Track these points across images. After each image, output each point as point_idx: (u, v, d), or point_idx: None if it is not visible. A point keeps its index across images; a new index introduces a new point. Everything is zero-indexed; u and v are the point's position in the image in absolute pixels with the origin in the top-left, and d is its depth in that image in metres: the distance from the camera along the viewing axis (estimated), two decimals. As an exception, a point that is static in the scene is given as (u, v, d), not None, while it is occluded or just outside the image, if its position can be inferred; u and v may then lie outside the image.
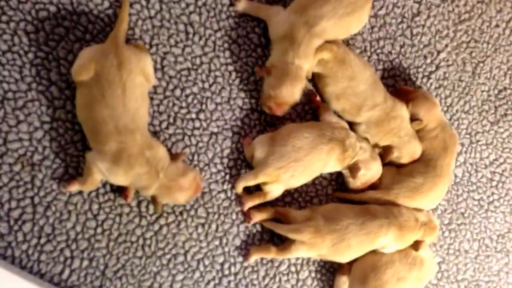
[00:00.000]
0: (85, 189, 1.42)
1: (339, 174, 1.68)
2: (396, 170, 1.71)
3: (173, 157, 1.43)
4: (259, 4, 1.59)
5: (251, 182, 1.52)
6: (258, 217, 1.57)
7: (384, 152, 1.66)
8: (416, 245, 1.63)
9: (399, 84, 1.78)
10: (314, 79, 1.64)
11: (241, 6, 1.58)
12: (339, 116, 1.65)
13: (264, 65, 1.58)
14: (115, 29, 1.40)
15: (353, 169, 1.60)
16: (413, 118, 1.68)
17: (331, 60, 1.58)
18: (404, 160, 1.67)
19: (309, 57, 1.54)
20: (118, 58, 1.34)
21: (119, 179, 1.38)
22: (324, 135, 1.54)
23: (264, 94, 1.56)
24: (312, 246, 1.53)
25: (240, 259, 1.58)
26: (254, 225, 1.59)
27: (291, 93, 1.53)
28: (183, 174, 1.42)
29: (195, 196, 1.49)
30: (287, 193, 1.63)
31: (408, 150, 1.66)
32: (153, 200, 1.43)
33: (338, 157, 1.56)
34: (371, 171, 1.63)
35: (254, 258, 1.57)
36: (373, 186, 1.68)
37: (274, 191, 1.54)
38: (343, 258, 1.59)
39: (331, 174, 1.68)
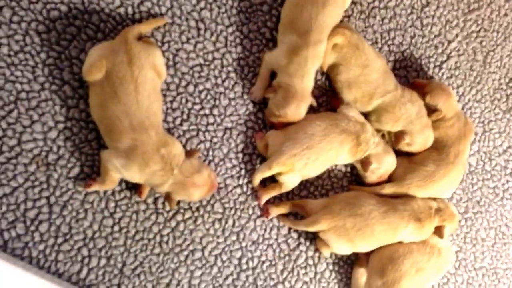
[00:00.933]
0: (104, 189, 1.37)
1: (354, 166, 1.61)
2: (408, 160, 1.64)
3: (188, 154, 1.38)
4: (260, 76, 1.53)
5: (267, 173, 1.46)
6: (275, 211, 1.51)
7: (396, 138, 1.60)
8: (438, 232, 1.56)
9: (411, 75, 1.71)
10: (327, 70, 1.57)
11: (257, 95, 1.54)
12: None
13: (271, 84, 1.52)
14: (130, 26, 1.35)
15: (364, 163, 1.54)
16: (432, 109, 1.60)
17: (345, 45, 1.51)
18: (416, 147, 1.61)
19: (313, 73, 1.49)
20: (128, 54, 1.28)
21: (134, 176, 1.32)
22: (337, 125, 1.49)
23: (269, 111, 1.51)
24: (336, 231, 1.48)
25: (258, 253, 1.52)
26: (271, 219, 1.53)
27: (297, 113, 1.49)
28: (197, 171, 1.36)
29: (209, 194, 1.43)
30: (303, 187, 1.57)
31: (420, 138, 1.59)
32: (167, 197, 1.37)
33: (350, 149, 1.51)
34: (385, 164, 1.56)
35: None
36: (388, 178, 1.61)
37: (289, 181, 1.48)
38: (369, 245, 1.53)
39: (346, 166, 1.63)
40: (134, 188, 1.40)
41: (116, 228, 1.40)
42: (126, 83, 1.27)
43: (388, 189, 1.58)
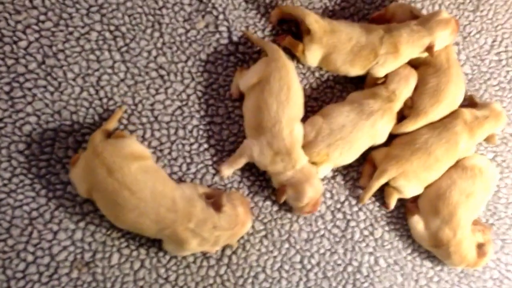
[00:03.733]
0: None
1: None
2: None
3: (215, 207, 1.25)
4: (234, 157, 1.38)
5: None
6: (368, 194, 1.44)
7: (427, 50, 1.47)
8: (490, 139, 1.52)
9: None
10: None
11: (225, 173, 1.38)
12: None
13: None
14: (95, 133, 1.22)
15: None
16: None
17: (321, 35, 1.40)
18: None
19: (300, 155, 1.34)
20: (104, 165, 1.15)
21: (192, 249, 1.26)
22: (363, 111, 1.40)
23: (297, 209, 1.37)
24: (405, 176, 1.40)
25: (315, 248, 1.40)
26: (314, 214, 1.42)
27: (315, 191, 1.34)
28: (236, 215, 1.26)
29: (252, 216, 1.35)
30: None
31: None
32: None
33: (388, 120, 1.42)
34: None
35: None
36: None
37: (323, 171, 1.39)
38: (437, 172, 1.43)
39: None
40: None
41: (177, 289, 1.30)
42: (120, 192, 1.15)
43: (408, 126, 1.45)
